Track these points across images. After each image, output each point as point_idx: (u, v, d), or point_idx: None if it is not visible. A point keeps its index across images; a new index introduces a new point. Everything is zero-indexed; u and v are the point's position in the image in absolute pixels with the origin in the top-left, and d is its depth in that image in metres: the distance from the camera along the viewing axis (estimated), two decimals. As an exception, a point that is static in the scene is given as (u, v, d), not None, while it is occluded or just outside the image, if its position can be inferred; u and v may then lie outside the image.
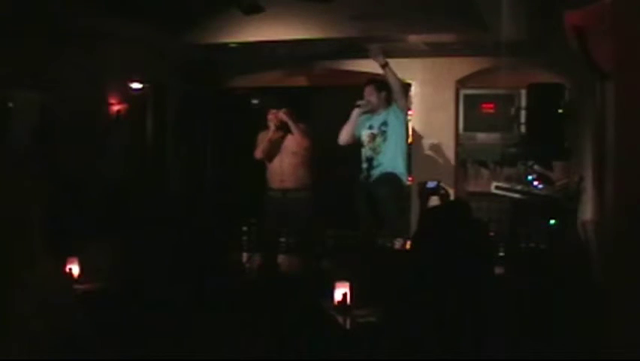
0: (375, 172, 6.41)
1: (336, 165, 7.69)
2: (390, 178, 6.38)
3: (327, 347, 2.55)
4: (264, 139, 6.78)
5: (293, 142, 6.72)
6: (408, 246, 6.38)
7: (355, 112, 6.48)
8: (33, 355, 1.99)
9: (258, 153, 6.78)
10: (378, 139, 6.46)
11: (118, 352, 2.37)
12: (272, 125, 6.71)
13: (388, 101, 6.50)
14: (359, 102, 6.47)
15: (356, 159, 6.70)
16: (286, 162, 6.72)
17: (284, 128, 6.73)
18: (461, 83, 7.86)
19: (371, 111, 6.50)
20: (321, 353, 2.43)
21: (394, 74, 6.33)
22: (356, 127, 6.55)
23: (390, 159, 6.40)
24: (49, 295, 2.09)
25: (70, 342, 2.07)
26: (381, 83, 6.53)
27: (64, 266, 4.53)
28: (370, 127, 6.51)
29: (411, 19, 6.50)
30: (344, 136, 6.55)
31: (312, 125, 6.96)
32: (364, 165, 6.48)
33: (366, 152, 6.52)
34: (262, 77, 8.56)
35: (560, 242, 5.88)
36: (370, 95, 6.48)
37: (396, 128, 6.43)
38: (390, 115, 6.45)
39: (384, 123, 6.46)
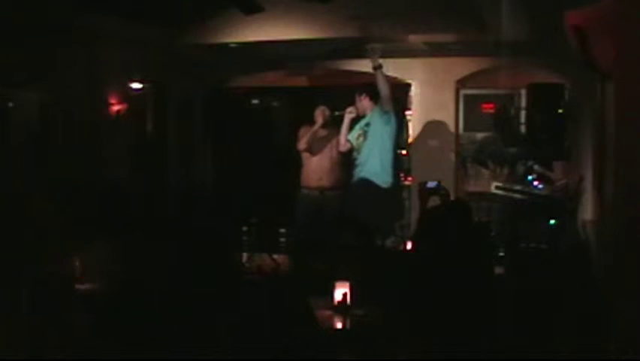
0: (356, 172, 6.46)
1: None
2: (366, 186, 6.38)
3: (326, 346, 2.55)
4: (306, 133, 6.79)
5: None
6: (403, 246, 6.41)
7: (346, 118, 6.54)
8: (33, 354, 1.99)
9: (302, 145, 6.77)
10: (360, 139, 6.51)
11: (118, 352, 2.37)
12: (320, 120, 6.74)
13: (375, 102, 6.51)
14: (349, 109, 6.52)
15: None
16: (327, 160, 6.74)
17: (331, 125, 6.77)
18: (461, 83, 7.86)
19: (361, 115, 6.56)
20: (319, 352, 2.43)
21: (384, 79, 6.32)
22: (350, 132, 6.61)
23: (371, 159, 6.40)
24: (48, 295, 2.09)
25: (70, 341, 2.08)
26: (363, 87, 6.56)
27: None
28: (360, 128, 6.57)
29: (411, 19, 6.50)
30: (341, 142, 6.61)
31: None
32: (354, 166, 6.56)
33: (354, 153, 6.58)
34: (262, 77, 8.56)
35: (560, 242, 5.88)
36: (360, 101, 6.54)
37: (377, 129, 6.42)
38: (375, 116, 6.46)
39: (367, 124, 6.51)
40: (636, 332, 2.79)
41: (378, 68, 6.25)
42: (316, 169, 6.76)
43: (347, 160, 6.79)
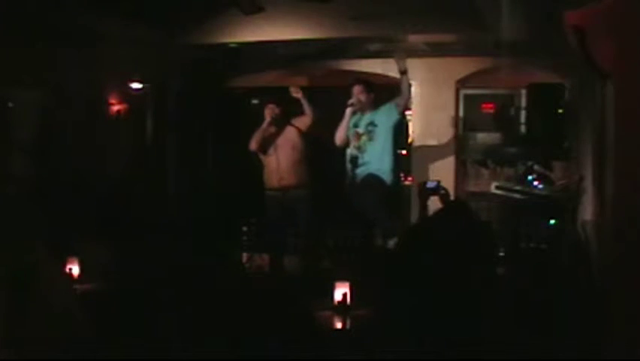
0: (360, 171, 6.34)
1: (336, 165, 7.68)
2: (374, 181, 6.33)
3: (326, 347, 2.55)
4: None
5: (292, 135, 6.68)
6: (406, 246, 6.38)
7: (348, 111, 6.46)
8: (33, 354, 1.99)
9: (252, 145, 6.70)
10: (364, 138, 6.43)
11: (117, 352, 2.37)
12: (268, 118, 6.66)
13: (375, 103, 6.50)
14: (351, 101, 6.45)
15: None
16: (285, 158, 6.62)
17: (281, 123, 6.69)
18: (461, 83, 7.86)
19: (359, 110, 6.50)
20: (320, 353, 2.43)
21: (409, 82, 6.36)
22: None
23: (377, 159, 6.35)
24: (48, 295, 2.09)
25: (70, 342, 2.08)
26: (370, 84, 6.54)
27: (65, 266, 4.54)
28: (355, 125, 6.49)
29: (411, 19, 6.50)
30: (340, 136, 6.51)
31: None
32: (348, 165, 6.44)
33: (351, 151, 6.48)
34: (262, 77, 8.56)
35: (560, 242, 5.88)
36: (360, 93, 6.47)
37: (385, 128, 6.39)
38: (381, 115, 6.43)
39: (372, 123, 6.44)
40: (636, 332, 2.79)
41: (404, 72, 6.26)
42: (276, 169, 6.63)
43: (306, 157, 6.72)
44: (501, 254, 5.86)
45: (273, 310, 2.38)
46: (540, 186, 6.30)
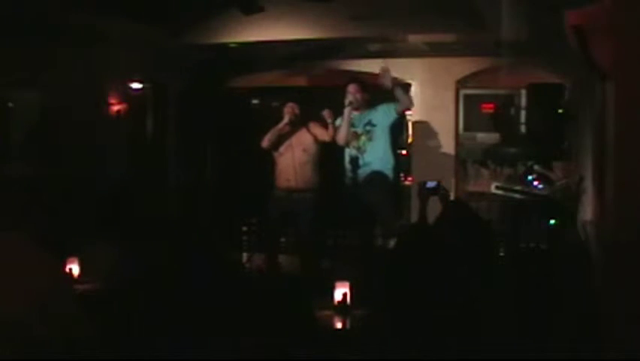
0: (362, 172, 6.26)
1: (336, 165, 7.68)
2: (380, 180, 6.31)
3: (326, 346, 2.55)
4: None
5: (305, 138, 6.58)
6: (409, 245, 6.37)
7: (347, 111, 6.40)
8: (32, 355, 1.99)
9: (264, 143, 6.59)
10: (363, 138, 6.40)
11: (117, 352, 2.37)
12: (286, 118, 6.56)
13: (374, 103, 6.48)
14: (349, 100, 6.39)
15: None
16: (294, 160, 6.50)
17: (297, 123, 6.60)
18: (461, 83, 7.87)
19: (355, 110, 6.46)
20: (320, 353, 2.43)
21: (403, 92, 6.34)
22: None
23: (378, 159, 6.33)
24: (48, 296, 2.09)
25: (69, 342, 2.07)
26: (364, 84, 6.51)
27: (64, 266, 4.53)
28: (352, 125, 6.44)
29: (411, 19, 6.50)
30: (342, 135, 6.43)
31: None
32: (348, 166, 6.37)
33: (350, 151, 6.42)
34: (262, 77, 8.56)
35: (560, 242, 5.88)
36: (357, 92, 6.40)
37: (383, 128, 6.36)
38: (378, 115, 6.39)
39: (370, 123, 6.40)
40: (636, 332, 2.79)
41: (394, 86, 6.21)
42: (284, 170, 6.54)
43: (319, 160, 6.62)
44: (501, 254, 5.86)
45: (273, 311, 2.38)
46: (540, 186, 6.30)
